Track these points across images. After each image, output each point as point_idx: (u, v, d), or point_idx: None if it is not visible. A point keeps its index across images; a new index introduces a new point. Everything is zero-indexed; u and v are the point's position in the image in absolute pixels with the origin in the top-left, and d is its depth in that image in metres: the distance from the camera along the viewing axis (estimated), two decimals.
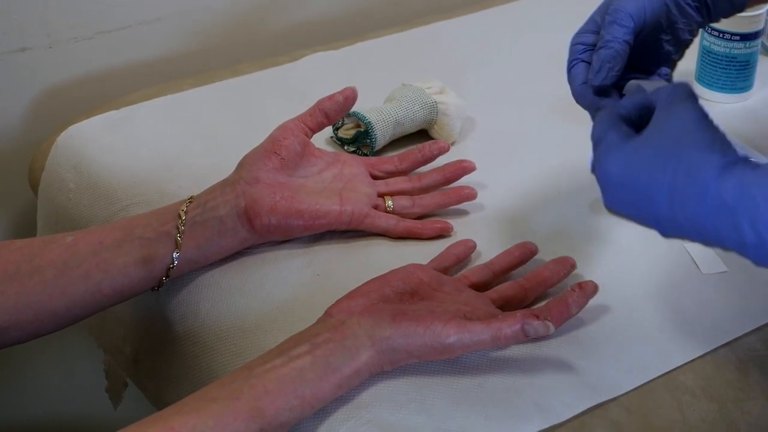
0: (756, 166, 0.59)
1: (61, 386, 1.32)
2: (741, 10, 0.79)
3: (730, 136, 0.65)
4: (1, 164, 1.18)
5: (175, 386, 0.84)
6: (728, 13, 0.79)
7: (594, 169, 0.65)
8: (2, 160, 1.18)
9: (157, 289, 0.81)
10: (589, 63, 0.76)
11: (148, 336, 0.87)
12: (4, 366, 1.27)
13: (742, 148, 0.96)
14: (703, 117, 0.62)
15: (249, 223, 0.82)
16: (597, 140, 0.65)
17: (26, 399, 1.31)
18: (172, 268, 0.80)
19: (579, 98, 0.77)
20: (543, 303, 0.78)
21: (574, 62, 0.78)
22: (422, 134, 1.01)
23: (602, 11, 0.77)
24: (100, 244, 0.78)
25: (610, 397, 0.72)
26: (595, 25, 0.77)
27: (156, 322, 0.85)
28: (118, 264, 0.78)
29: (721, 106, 1.06)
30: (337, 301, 0.74)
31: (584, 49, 0.77)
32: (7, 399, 1.30)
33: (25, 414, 1.32)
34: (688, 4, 0.77)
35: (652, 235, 0.88)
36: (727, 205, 0.58)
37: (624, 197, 0.63)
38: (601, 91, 0.75)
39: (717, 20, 0.80)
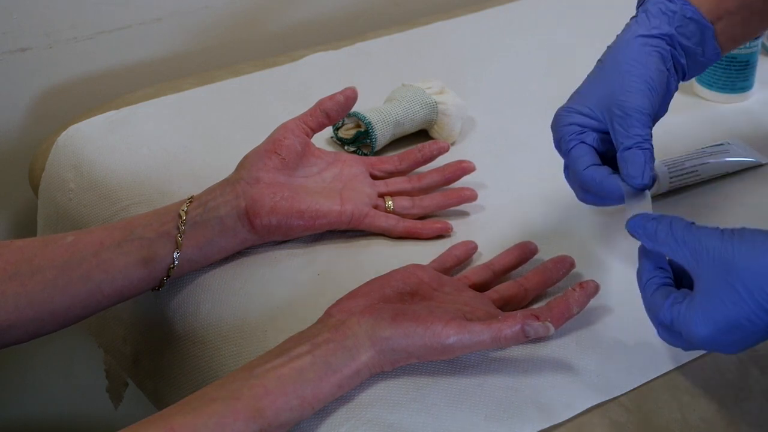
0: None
1: (61, 386, 1.32)
2: (709, 65, 0.81)
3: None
4: (1, 164, 1.18)
5: (175, 386, 0.84)
6: (699, 73, 0.82)
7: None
8: (2, 160, 1.18)
9: (158, 289, 0.81)
10: (590, 146, 0.76)
11: (148, 336, 0.87)
12: (4, 366, 1.27)
13: (741, 149, 0.97)
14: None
15: (249, 223, 0.82)
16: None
17: (26, 399, 1.31)
18: (173, 268, 0.80)
19: (588, 181, 0.76)
20: (543, 302, 0.78)
21: (574, 143, 0.77)
22: (422, 134, 1.01)
23: (595, 93, 0.77)
24: (101, 245, 0.78)
25: (610, 397, 0.72)
26: (587, 109, 0.77)
27: (156, 322, 0.85)
28: (118, 264, 0.78)
29: (721, 106, 1.06)
30: (337, 301, 0.74)
31: (581, 131, 0.77)
32: (7, 399, 1.30)
33: (24, 414, 1.32)
34: (674, 75, 0.78)
35: None
36: None
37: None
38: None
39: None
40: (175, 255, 0.79)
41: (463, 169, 0.91)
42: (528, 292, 0.79)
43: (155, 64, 1.22)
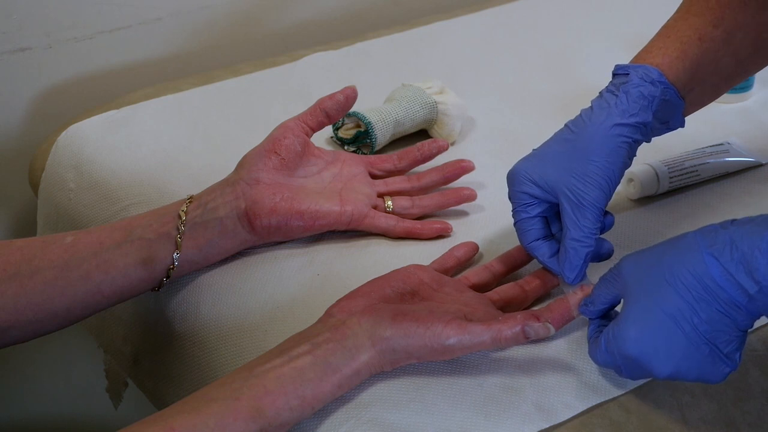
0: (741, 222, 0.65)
1: (61, 386, 1.32)
2: (675, 129, 0.81)
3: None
4: (1, 164, 1.18)
5: (175, 386, 0.84)
6: (662, 134, 0.81)
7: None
8: (2, 160, 1.18)
9: (157, 290, 0.81)
10: (537, 217, 0.78)
11: (148, 336, 0.87)
12: (4, 366, 1.27)
13: (741, 149, 0.96)
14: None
15: (249, 224, 0.82)
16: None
17: (26, 399, 1.31)
18: (173, 269, 0.80)
19: (531, 253, 0.79)
20: (544, 304, 0.78)
21: (522, 215, 0.78)
22: (422, 134, 1.01)
23: (554, 167, 0.76)
24: (100, 245, 0.78)
25: (610, 397, 0.72)
26: (542, 181, 0.76)
27: (156, 322, 0.85)
28: (118, 265, 0.78)
29: (720, 107, 1.06)
30: (338, 301, 0.74)
31: (530, 202, 0.78)
32: (7, 399, 1.30)
33: (24, 414, 1.32)
34: (634, 156, 0.78)
35: (652, 235, 0.88)
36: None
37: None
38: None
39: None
40: (175, 256, 0.79)
41: (462, 168, 0.91)
42: (528, 294, 0.79)
43: (155, 64, 1.23)
